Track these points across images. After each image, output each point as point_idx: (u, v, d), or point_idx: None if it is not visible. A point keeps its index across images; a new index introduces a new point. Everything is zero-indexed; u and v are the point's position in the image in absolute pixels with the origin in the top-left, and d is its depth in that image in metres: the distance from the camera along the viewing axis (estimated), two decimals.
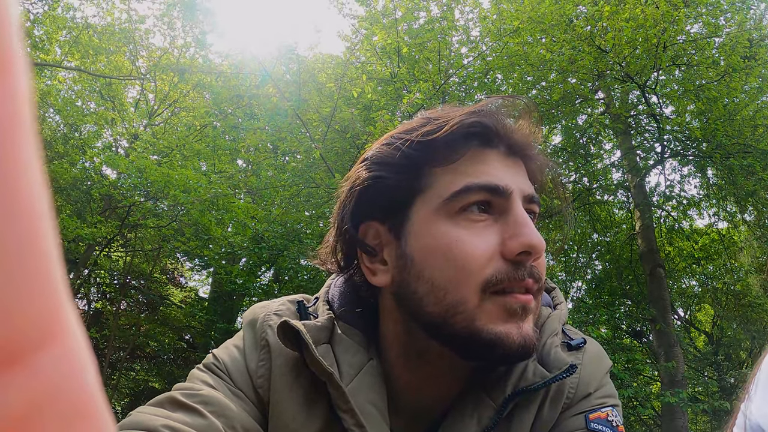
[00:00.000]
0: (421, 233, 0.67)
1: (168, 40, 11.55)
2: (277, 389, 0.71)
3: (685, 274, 12.04)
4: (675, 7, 7.89)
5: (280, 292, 9.35)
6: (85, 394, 0.16)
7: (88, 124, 11.96)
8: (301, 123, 8.22)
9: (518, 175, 0.69)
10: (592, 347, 0.76)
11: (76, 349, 0.17)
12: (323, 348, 0.71)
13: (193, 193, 8.47)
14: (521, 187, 0.68)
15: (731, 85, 8.34)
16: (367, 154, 0.75)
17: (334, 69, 9.21)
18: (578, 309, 9.11)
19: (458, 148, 0.68)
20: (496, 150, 0.69)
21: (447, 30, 8.35)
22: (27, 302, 0.14)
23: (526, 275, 0.64)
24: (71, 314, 0.17)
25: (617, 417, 0.71)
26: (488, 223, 0.66)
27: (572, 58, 8.12)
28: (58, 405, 0.15)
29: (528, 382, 0.68)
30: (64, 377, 0.16)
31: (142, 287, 13.10)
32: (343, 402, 0.66)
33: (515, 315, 0.64)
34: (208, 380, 0.70)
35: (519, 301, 0.64)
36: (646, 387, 8.61)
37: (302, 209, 8.84)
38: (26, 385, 0.15)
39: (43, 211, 0.15)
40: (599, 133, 10.14)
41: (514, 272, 0.64)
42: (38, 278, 0.15)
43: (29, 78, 0.14)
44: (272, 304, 0.80)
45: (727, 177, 9.45)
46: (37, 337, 0.15)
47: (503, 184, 0.66)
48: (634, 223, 10.02)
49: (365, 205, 0.72)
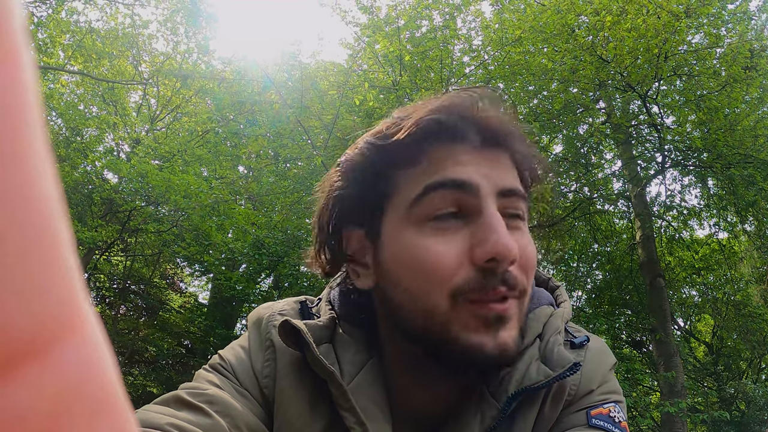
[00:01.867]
0: (391, 241, 0.66)
1: (171, 45, 11.60)
2: (282, 389, 0.71)
3: (686, 284, 12.03)
4: (676, 17, 7.91)
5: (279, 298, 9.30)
6: (108, 387, 0.16)
7: (90, 128, 11.96)
8: (302, 130, 8.24)
9: (494, 168, 0.64)
10: (595, 344, 0.75)
11: (96, 340, 0.16)
12: (325, 347, 0.71)
13: (194, 199, 8.48)
14: (495, 181, 0.63)
15: (732, 96, 8.36)
16: (340, 158, 0.73)
17: (337, 76, 9.23)
18: (578, 318, 9.10)
19: (421, 148, 0.64)
20: (467, 145, 0.64)
21: (449, 39, 8.38)
22: (46, 293, 0.14)
23: (498, 283, 0.61)
24: (88, 305, 0.16)
25: (620, 413, 0.69)
26: (457, 228, 0.63)
27: (574, 67, 8.14)
28: (83, 398, 0.15)
29: (531, 381, 0.66)
30: (88, 369, 0.15)
31: (141, 292, 13.09)
32: (344, 401, 0.66)
33: (489, 325, 0.61)
34: (214, 380, 0.70)
35: (492, 311, 0.61)
36: (645, 397, 8.59)
37: (303, 216, 8.84)
38: (51, 378, 0.14)
39: (55, 198, 0.15)
40: (600, 143, 10.16)
41: (484, 280, 0.61)
42: (55, 267, 0.15)
43: (34, 69, 0.14)
44: (277, 305, 0.80)
45: (728, 187, 9.46)
46: (58, 329, 0.14)
47: (468, 179, 0.62)
48: (635, 232, 10.02)
49: (343, 212, 0.71)
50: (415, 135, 0.64)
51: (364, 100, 8.00)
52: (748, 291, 11.40)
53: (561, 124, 9.08)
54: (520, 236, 0.65)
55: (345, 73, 8.85)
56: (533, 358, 0.69)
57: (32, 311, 0.14)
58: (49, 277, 0.14)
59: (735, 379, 11.35)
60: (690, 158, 9.43)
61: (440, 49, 8.14)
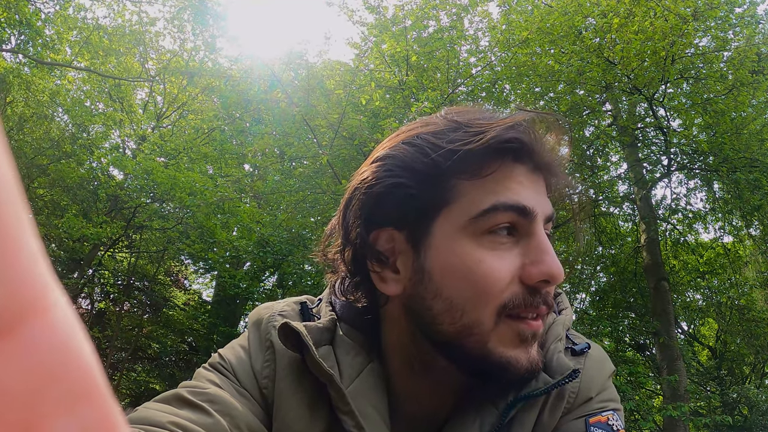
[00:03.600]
0: (443, 250, 0.64)
1: (178, 43, 11.63)
2: (281, 390, 0.70)
3: (690, 287, 12.00)
4: (684, 20, 7.89)
5: (283, 297, 9.32)
6: (87, 374, 0.15)
7: (96, 124, 12.00)
8: (308, 129, 8.24)
9: (541, 194, 0.67)
10: (595, 352, 0.76)
11: (69, 324, 0.16)
12: (324, 349, 0.70)
13: (199, 196, 8.50)
14: (544, 208, 0.66)
15: (739, 99, 8.34)
16: (381, 152, 0.70)
17: (343, 76, 9.23)
18: (582, 321, 9.09)
19: (491, 162, 0.64)
20: (524, 166, 0.66)
21: (456, 39, 8.37)
22: (6, 274, 0.13)
23: (541, 302, 0.63)
24: (57, 289, 0.16)
25: (618, 421, 0.70)
26: (510, 245, 0.64)
27: (580, 69, 8.12)
28: (60, 382, 0.14)
29: (531, 388, 0.67)
30: (62, 353, 0.15)
31: (145, 289, 13.13)
32: (343, 404, 0.66)
33: (526, 341, 0.63)
34: (214, 379, 0.70)
35: (531, 328, 0.63)
36: (648, 400, 8.57)
37: (308, 215, 8.84)
38: (20, 357, 0.14)
39: (12, 183, 0.14)
40: (606, 145, 10.14)
41: (531, 298, 0.63)
42: (16, 250, 0.14)
43: None
44: (277, 305, 0.79)
45: (734, 191, 9.43)
46: (22, 309, 0.14)
47: (530, 206, 0.63)
48: (640, 235, 10.00)
49: (381, 210, 0.68)
50: (490, 148, 0.63)
51: (370, 99, 8.00)
52: (752, 295, 11.37)
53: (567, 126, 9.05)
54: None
55: (351, 72, 8.85)
56: None
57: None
58: (9, 259, 0.13)
59: (738, 384, 11.31)
60: (696, 161, 9.40)
61: (447, 49, 8.13)
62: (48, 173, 11.67)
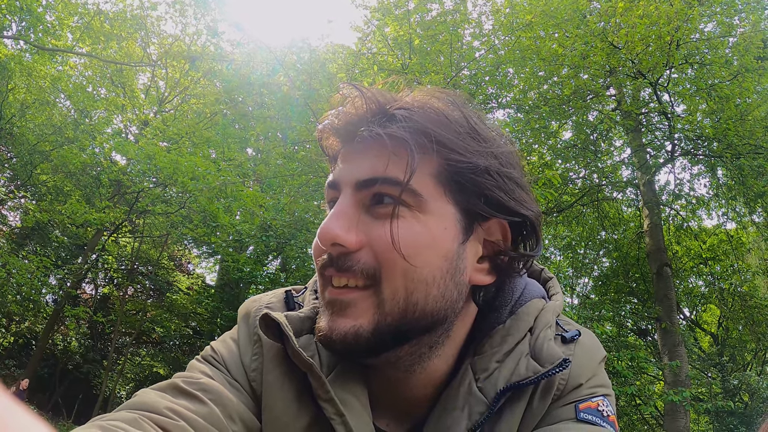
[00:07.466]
0: None
1: (179, 27, 11.63)
2: (269, 383, 0.71)
3: (692, 273, 12.01)
4: (689, 5, 7.84)
5: (287, 280, 9.36)
6: None
7: (98, 109, 12.01)
8: (311, 112, 8.22)
9: (363, 159, 0.64)
10: (586, 339, 0.75)
11: None
12: (305, 338, 0.70)
13: (202, 180, 8.50)
14: (354, 174, 0.64)
15: (744, 85, 8.30)
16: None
17: (345, 59, 9.19)
18: (584, 305, 9.11)
19: (334, 152, 0.70)
20: (348, 144, 0.67)
21: (459, 23, 8.32)
22: None
23: (327, 266, 0.63)
24: None
25: (608, 407, 0.69)
26: None
27: (584, 53, 8.08)
28: None
29: (520, 377, 0.66)
30: None
31: (149, 273, 13.18)
32: (324, 392, 0.66)
33: (328, 310, 0.64)
34: (207, 371, 0.71)
35: (329, 295, 0.64)
36: (649, 386, 8.60)
37: (311, 199, 8.83)
38: None
39: None
40: (610, 130, 10.11)
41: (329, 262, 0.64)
42: None
43: None
44: (264, 298, 0.80)
45: (737, 177, 9.40)
46: None
47: (335, 179, 0.66)
48: (643, 221, 10.00)
49: None
50: (323, 142, 0.70)
51: (372, 83, 7.95)
52: (754, 282, 11.38)
53: (571, 110, 9.02)
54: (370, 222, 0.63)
55: (354, 56, 8.81)
56: (523, 354, 0.68)
57: None
58: None
59: (739, 371, 11.35)
60: (700, 147, 9.37)
61: (450, 33, 8.07)
62: (51, 159, 11.68)
